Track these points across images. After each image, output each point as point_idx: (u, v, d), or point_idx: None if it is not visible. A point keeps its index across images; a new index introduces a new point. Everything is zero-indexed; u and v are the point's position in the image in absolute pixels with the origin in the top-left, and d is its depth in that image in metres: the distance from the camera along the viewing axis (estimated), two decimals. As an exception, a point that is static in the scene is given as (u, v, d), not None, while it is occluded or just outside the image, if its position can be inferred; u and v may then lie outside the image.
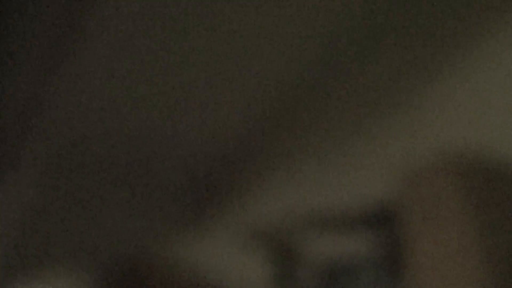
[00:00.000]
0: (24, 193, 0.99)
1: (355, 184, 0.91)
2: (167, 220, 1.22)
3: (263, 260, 1.15)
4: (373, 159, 0.86)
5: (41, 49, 0.62)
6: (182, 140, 0.90)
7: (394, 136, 0.81)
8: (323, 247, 0.99)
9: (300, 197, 1.01)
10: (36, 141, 0.84)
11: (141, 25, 0.66)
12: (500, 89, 0.72)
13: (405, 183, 0.68)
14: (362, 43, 0.71)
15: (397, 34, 0.70)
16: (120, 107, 0.81)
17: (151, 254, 1.34)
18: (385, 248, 0.85)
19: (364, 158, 0.86)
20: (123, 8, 0.62)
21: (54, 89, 0.70)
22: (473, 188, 0.64)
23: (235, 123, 0.86)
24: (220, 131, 0.88)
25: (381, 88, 0.77)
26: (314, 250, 1.00)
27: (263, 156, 0.95)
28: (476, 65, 0.71)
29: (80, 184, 1.03)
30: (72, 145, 0.89)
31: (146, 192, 1.09)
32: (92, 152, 0.91)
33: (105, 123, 0.84)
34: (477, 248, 0.62)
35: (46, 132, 0.82)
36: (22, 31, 0.62)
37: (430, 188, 0.67)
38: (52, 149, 0.88)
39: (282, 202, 1.04)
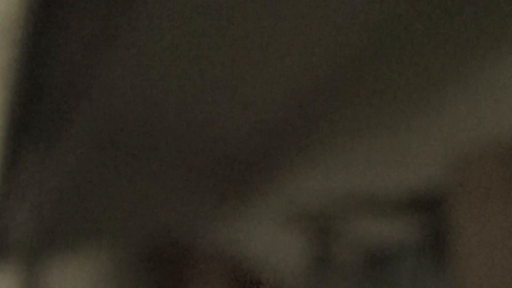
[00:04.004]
0: (69, 164, 1.00)
1: (402, 168, 0.91)
2: (209, 200, 1.22)
3: (305, 242, 1.15)
4: (422, 144, 0.85)
5: (95, 20, 0.63)
6: (223, 122, 0.90)
7: (445, 121, 0.80)
8: (366, 231, 0.99)
9: (345, 180, 1.00)
10: (84, 116, 0.85)
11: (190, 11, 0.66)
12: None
13: (455, 169, 0.68)
14: (414, 27, 0.70)
15: (445, 21, 0.69)
16: (166, 92, 0.82)
17: (192, 233, 1.35)
18: (430, 234, 0.85)
19: (413, 142, 0.86)
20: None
21: (105, 64, 0.70)
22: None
23: (278, 104, 0.86)
24: (263, 113, 0.88)
25: (433, 73, 0.76)
26: (357, 233, 1.00)
27: (309, 138, 0.95)
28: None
29: (124, 160, 1.03)
30: (120, 123, 0.89)
31: (188, 172, 1.09)
32: (137, 131, 0.92)
33: (151, 104, 0.85)
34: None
35: (94, 107, 0.82)
36: (79, 3, 0.62)
37: (480, 175, 0.66)
38: (98, 126, 0.89)
39: (326, 184, 1.04)
